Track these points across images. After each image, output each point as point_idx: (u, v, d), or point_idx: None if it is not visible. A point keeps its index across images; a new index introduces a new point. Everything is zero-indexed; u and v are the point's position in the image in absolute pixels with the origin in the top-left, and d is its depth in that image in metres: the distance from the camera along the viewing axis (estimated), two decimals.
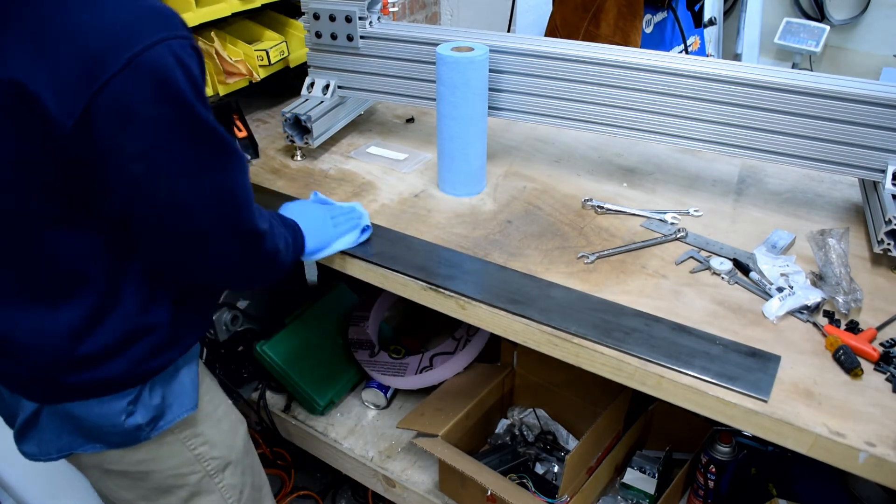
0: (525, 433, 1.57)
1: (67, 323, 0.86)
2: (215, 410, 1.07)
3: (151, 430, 0.95)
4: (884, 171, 1.15)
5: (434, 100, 1.32)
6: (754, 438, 1.40)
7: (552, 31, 2.37)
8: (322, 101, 1.49)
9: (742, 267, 1.11)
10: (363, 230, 1.19)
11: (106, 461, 0.98)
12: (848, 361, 0.92)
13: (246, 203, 0.89)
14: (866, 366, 0.93)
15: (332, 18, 1.42)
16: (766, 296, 1.06)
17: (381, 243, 1.21)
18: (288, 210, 1.13)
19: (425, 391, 1.57)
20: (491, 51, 1.28)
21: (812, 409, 0.86)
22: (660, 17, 2.40)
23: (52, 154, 0.75)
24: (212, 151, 0.82)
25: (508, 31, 2.71)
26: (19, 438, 0.96)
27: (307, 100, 1.50)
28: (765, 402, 0.87)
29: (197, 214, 0.83)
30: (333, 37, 1.45)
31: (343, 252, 1.18)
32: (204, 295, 1.04)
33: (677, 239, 1.20)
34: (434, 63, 1.25)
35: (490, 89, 1.32)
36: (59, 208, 0.81)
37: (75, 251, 0.84)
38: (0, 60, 0.72)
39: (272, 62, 1.59)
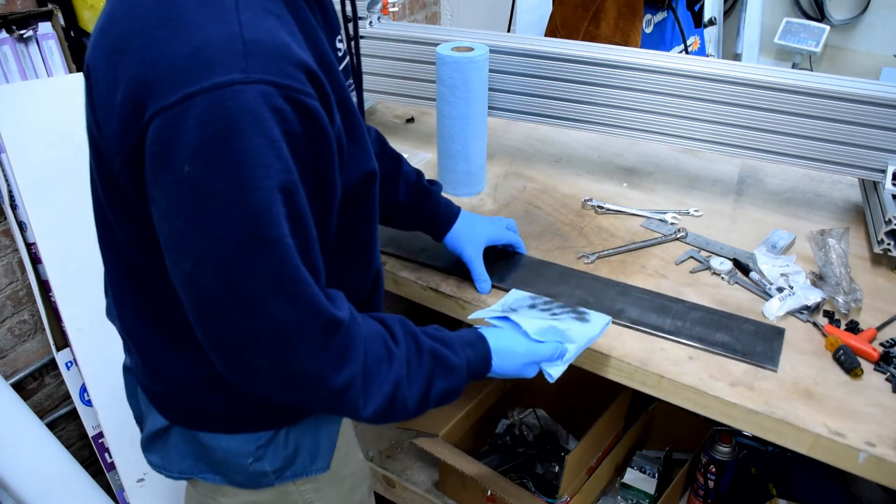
0: (525, 433, 1.57)
1: (189, 349, 0.78)
2: (343, 468, 0.98)
3: (276, 478, 0.88)
4: (884, 171, 1.15)
5: (434, 100, 1.32)
6: (754, 438, 1.40)
7: (552, 31, 2.37)
8: None
9: (742, 267, 1.11)
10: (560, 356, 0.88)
11: (220, 493, 0.92)
12: (848, 361, 0.92)
13: (295, 340, 0.66)
14: (866, 366, 0.93)
15: None
16: (766, 296, 1.05)
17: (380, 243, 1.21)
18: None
19: None
20: (491, 51, 1.28)
21: (812, 409, 0.86)
22: (660, 17, 2.40)
23: (113, 177, 0.66)
24: (261, 258, 0.62)
25: (508, 31, 2.71)
26: (146, 447, 0.92)
27: None
28: (774, 371, 0.89)
29: (221, 318, 0.64)
30: None
31: None
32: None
33: (677, 239, 1.20)
34: (434, 63, 1.25)
35: (490, 89, 1.32)
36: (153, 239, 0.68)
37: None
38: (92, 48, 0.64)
39: None
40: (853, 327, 1.00)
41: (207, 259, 0.61)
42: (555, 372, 0.86)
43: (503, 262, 1.14)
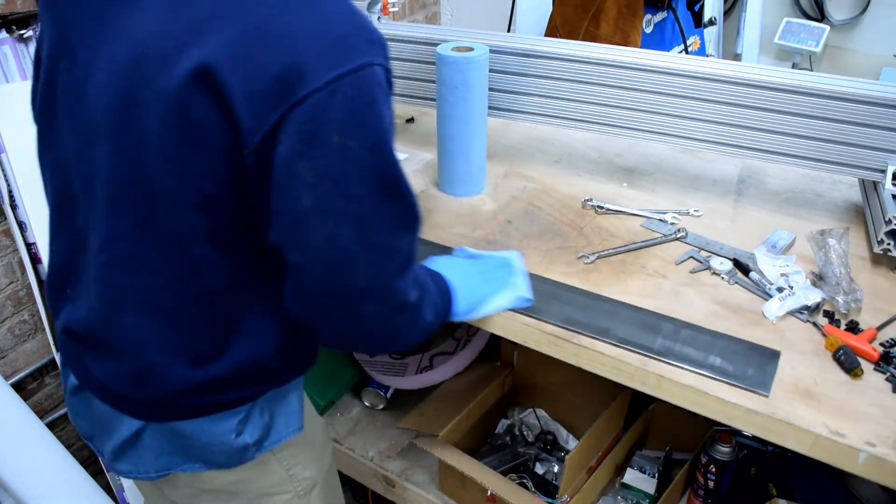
0: (525, 433, 1.57)
1: (196, 347, 0.83)
2: (311, 430, 1.02)
3: (257, 450, 0.92)
4: (884, 171, 1.15)
5: (434, 100, 1.32)
6: (754, 438, 1.40)
7: (552, 31, 2.37)
8: None
9: (742, 267, 1.11)
10: (526, 300, 1.02)
11: (198, 481, 0.94)
12: (848, 361, 0.92)
13: (405, 272, 0.80)
14: (866, 366, 0.93)
15: None
16: (766, 296, 1.05)
17: None
18: (434, 266, 0.98)
19: (425, 391, 1.57)
20: (491, 51, 1.28)
21: (812, 409, 0.86)
22: (660, 17, 2.40)
23: (229, 164, 0.69)
24: (393, 206, 0.74)
25: (508, 31, 2.71)
26: (116, 457, 0.92)
27: None
28: (766, 396, 0.87)
29: (352, 272, 0.74)
30: None
31: None
32: None
33: (677, 239, 1.20)
34: (434, 63, 1.25)
35: (490, 89, 1.32)
36: (216, 224, 0.75)
37: (220, 275, 0.79)
38: (196, 46, 0.65)
39: None
40: (853, 327, 1.00)
41: (349, 216, 0.71)
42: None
43: None
